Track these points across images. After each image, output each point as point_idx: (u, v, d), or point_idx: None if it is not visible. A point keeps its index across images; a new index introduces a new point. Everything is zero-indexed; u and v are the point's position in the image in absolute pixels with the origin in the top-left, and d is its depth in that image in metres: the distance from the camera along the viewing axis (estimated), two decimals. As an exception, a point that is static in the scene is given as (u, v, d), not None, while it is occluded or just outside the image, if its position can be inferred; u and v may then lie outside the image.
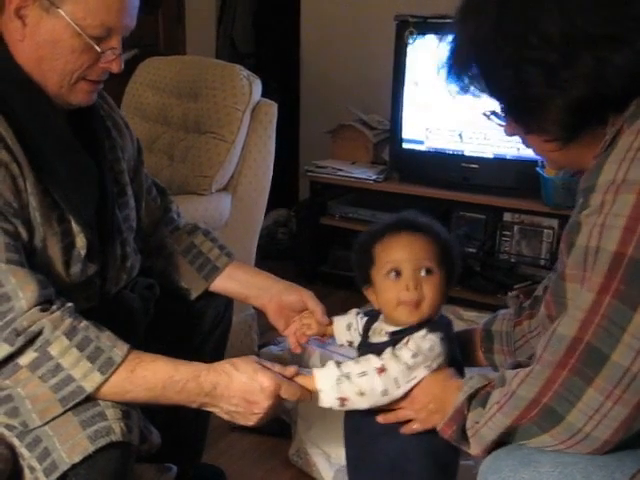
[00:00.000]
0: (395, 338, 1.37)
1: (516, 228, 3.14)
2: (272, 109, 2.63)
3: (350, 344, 1.57)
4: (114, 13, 1.33)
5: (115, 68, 1.40)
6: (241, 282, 1.70)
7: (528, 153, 3.01)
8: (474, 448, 1.22)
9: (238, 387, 1.28)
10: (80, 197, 1.39)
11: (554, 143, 1.16)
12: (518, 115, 1.19)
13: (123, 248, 1.52)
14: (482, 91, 1.21)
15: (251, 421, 1.31)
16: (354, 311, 1.58)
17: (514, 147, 3.06)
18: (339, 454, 2.09)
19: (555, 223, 3.05)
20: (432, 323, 1.38)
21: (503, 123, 1.25)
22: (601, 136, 1.13)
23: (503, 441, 1.16)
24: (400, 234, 1.42)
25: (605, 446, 1.06)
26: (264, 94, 2.64)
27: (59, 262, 1.36)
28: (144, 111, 2.84)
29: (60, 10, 1.29)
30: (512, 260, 3.16)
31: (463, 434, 1.23)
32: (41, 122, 1.36)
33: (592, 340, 1.03)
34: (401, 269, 1.38)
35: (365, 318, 1.52)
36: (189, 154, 2.57)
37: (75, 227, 1.38)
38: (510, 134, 1.26)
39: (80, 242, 1.38)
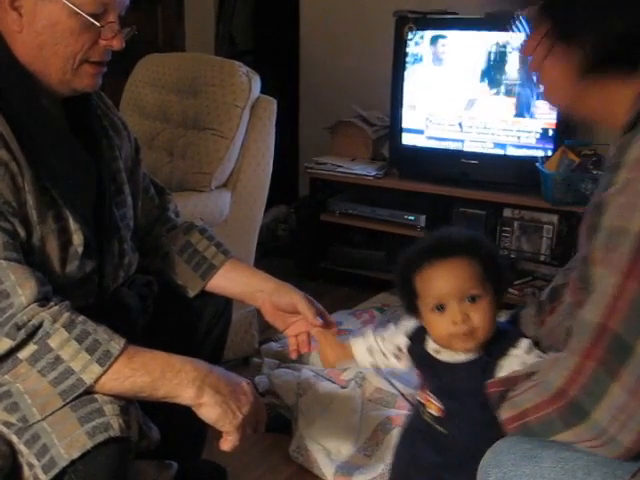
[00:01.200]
0: (487, 360, 1.34)
1: (516, 224, 3.14)
2: (271, 105, 2.63)
3: (376, 367, 1.54)
4: None
5: (116, 44, 1.40)
6: (236, 282, 1.69)
7: (528, 147, 3.02)
8: (504, 412, 1.20)
9: (228, 378, 1.34)
10: (78, 194, 1.39)
11: (577, 69, 1.12)
12: (562, 13, 1.13)
13: (120, 245, 1.52)
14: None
15: (236, 420, 1.32)
16: (369, 332, 1.53)
17: (514, 137, 3.06)
18: (340, 450, 2.09)
19: (555, 219, 3.05)
20: (511, 338, 1.35)
21: (525, 32, 1.21)
22: (622, 89, 1.11)
23: (528, 432, 1.15)
24: (437, 262, 1.35)
25: (628, 453, 1.03)
26: (263, 91, 2.64)
27: (56, 259, 1.35)
28: (143, 108, 2.84)
29: None
30: (512, 256, 3.16)
31: (501, 400, 1.22)
32: (39, 119, 1.36)
33: (617, 328, 1.01)
34: (445, 303, 1.33)
35: (402, 338, 1.47)
36: (188, 151, 2.57)
37: (72, 224, 1.38)
38: (528, 52, 1.21)
39: (77, 239, 1.38)
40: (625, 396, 1.01)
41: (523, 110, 3.03)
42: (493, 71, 3.05)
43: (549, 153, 2.99)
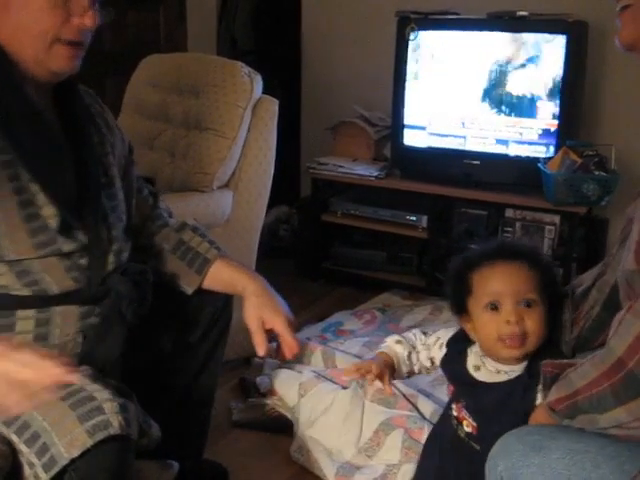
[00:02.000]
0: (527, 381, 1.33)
1: (518, 224, 3.14)
2: (273, 106, 2.63)
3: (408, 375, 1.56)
4: None
5: (88, 22, 1.39)
6: (225, 282, 1.70)
7: (530, 147, 3.02)
8: (555, 393, 1.20)
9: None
10: (53, 173, 1.40)
11: None
12: None
13: (109, 232, 1.51)
14: None
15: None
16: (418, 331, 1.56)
17: (516, 137, 3.06)
18: (341, 451, 2.09)
19: (557, 219, 3.05)
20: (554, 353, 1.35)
21: None
22: None
23: (576, 411, 1.14)
24: (498, 263, 1.36)
25: None
26: (265, 91, 2.64)
27: (20, 225, 1.35)
28: (145, 108, 2.84)
29: None
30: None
31: (553, 382, 1.22)
32: (17, 101, 1.37)
33: None
34: (500, 302, 1.33)
35: (438, 352, 1.48)
36: (190, 151, 2.57)
37: (42, 198, 1.37)
38: None
39: (47, 212, 1.37)
40: None
41: (525, 110, 3.03)
42: (495, 72, 3.05)
43: (551, 153, 2.99)
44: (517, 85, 3.02)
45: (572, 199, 2.87)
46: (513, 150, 3.08)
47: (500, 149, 3.11)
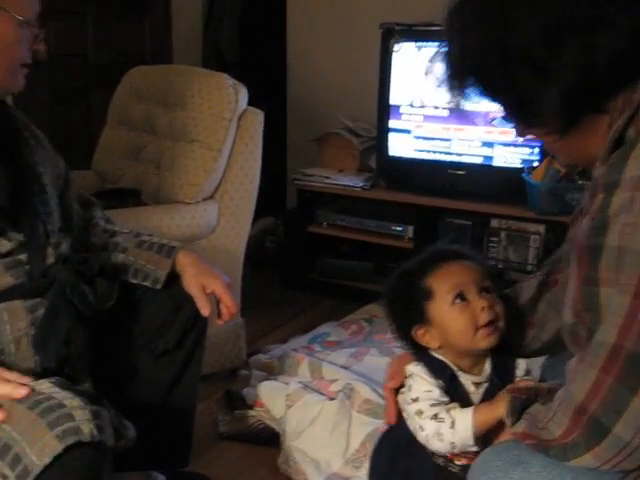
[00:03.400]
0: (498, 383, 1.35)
1: (503, 234, 3.15)
2: (258, 117, 2.63)
3: None
4: None
5: (42, 47, 1.55)
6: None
7: (514, 158, 3.04)
8: (522, 426, 1.19)
9: None
10: None
11: (553, 135, 1.15)
12: (517, 114, 1.18)
13: (45, 227, 1.54)
14: (482, 97, 1.22)
15: None
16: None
17: (501, 147, 3.08)
18: (328, 462, 2.09)
19: (542, 229, 3.06)
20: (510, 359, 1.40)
21: (510, 124, 1.24)
22: (600, 123, 1.12)
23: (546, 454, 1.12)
24: (453, 261, 1.39)
25: None
26: (251, 102, 2.64)
27: None
28: (131, 120, 2.84)
29: (3, 8, 1.44)
30: (499, 266, 3.17)
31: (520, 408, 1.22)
32: None
33: (633, 347, 1.00)
34: (466, 292, 1.35)
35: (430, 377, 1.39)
36: (175, 163, 2.57)
37: None
38: (520, 135, 1.26)
39: None
40: None
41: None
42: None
43: (535, 164, 3.00)
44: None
45: (556, 208, 2.89)
46: (498, 160, 3.10)
47: (486, 153, 3.12)
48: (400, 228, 3.31)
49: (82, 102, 3.76)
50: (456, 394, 1.37)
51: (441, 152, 3.21)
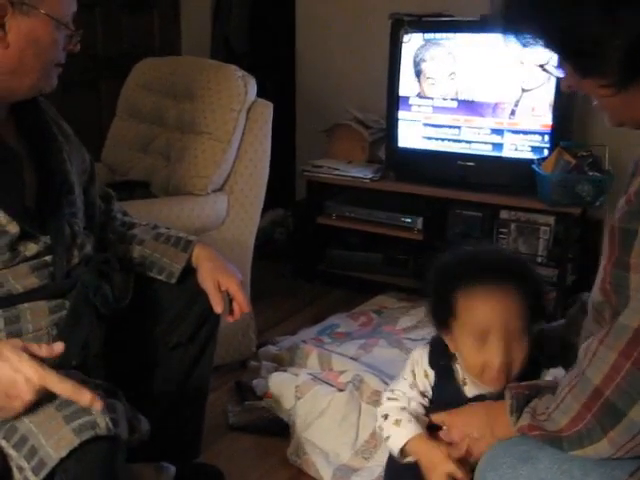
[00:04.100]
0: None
1: (513, 225, 3.14)
2: (267, 109, 2.63)
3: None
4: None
5: (76, 48, 1.54)
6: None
7: (524, 149, 3.03)
8: (526, 419, 1.19)
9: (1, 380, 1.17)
10: (4, 185, 1.43)
11: (610, 89, 1.09)
12: (576, 59, 1.11)
13: (71, 228, 1.55)
14: (538, 40, 1.15)
15: (9, 414, 1.21)
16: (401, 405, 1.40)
17: (511, 138, 3.07)
18: (337, 453, 2.09)
19: (552, 220, 3.05)
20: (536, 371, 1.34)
21: (560, 74, 1.19)
22: None
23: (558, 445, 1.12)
24: (485, 286, 1.27)
25: None
26: (260, 94, 2.64)
27: None
28: (140, 112, 2.85)
29: (40, 10, 1.41)
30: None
31: (523, 404, 1.21)
32: None
33: None
34: (488, 334, 1.26)
35: (427, 375, 1.38)
36: (185, 155, 2.57)
37: (3, 215, 1.40)
38: (565, 87, 1.19)
39: (13, 228, 1.41)
40: None
41: (519, 111, 3.04)
42: (489, 73, 3.06)
43: (545, 154, 2.99)
44: (511, 86, 3.03)
45: (566, 200, 2.87)
46: (508, 151, 3.08)
47: (495, 150, 3.11)
48: (409, 219, 3.30)
49: (91, 94, 3.77)
50: (446, 390, 1.36)
51: (451, 142, 3.20)
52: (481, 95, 3.09)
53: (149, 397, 1.67)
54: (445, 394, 1.37)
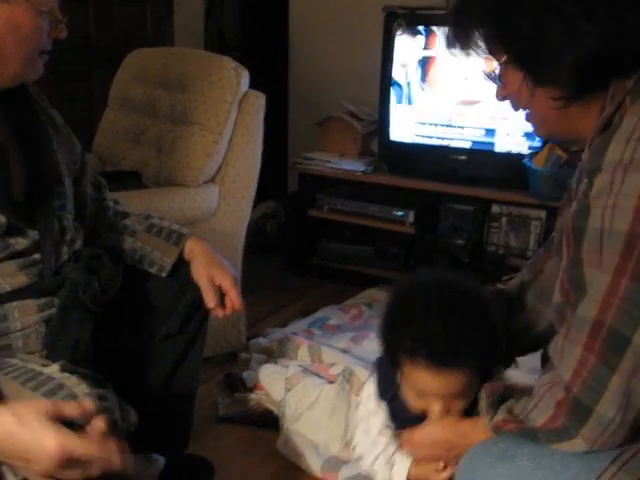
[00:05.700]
0: None
1: (504, 220, 3.15)
2: (260, 100, 2.63)
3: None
4: None
5: (62, 35, 1.48)
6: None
7: (516, 143, 3.03)
8: (502, 414, 1.21)
9: (16, 446, 1.04)
10: None
11: (559, 101, 1.14)
12: (531, 65, 1.15)
13: (60, 223, 1.53)
14: (489, 44, 1.20)
15: (30, 474, 1.08)
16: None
17: (503, 132, 3.07)
18: (327, 445, 2.10)
19: (543, 214, 3.06)
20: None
21: (500, 83, 1.24)
22: (598, 103, 1.13)
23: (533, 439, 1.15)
24: (429, 368, 1.34)
25: (627, 428, 1.06)
26: (252, 86, 2.63)
27: None
28: (132, 103, 2.84)
29: None
30: (500, 252, 3.17)
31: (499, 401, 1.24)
32: None
33: (613, 323, 1.03)
34: (427, 397, 1.37)
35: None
36: (176, 146, 2.56)
37: None
38: (502, 98, 1.26)
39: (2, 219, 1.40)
40: (625, 382, 1.03)
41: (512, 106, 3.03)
42: (481, 67, 3.05)
43: (537, 149, 3.00)
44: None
45: (558, 194, 2.84)
46: (500, 146, 3.09)
47: (487, 145, 3.11)
48: (401, 213, 3.30)
49: (83, 85, 3.75)
50: (402, 411, 1.44)
51: (443, 137, 3.20)
52: (474, 89, 3.09)
53: (138, 388, 1.66)
54: (403, 413, 1.45)
